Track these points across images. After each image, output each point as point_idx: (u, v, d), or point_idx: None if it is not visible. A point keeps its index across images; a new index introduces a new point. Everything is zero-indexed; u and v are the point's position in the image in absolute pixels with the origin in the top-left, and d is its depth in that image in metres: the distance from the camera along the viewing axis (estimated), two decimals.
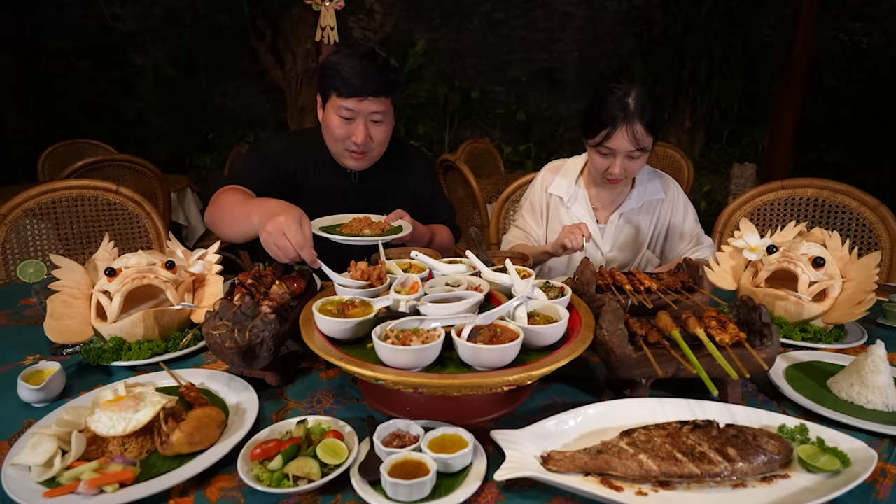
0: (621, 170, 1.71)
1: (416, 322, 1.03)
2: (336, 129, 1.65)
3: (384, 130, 1.68)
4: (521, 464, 0.86)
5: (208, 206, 1.65)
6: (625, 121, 1.63)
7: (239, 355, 1.08)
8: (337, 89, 1.60)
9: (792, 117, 4.82)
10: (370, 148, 1.68)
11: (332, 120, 1.65)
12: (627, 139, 1.64)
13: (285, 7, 5.78)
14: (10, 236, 2.04)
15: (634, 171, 1.77)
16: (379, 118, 1.64)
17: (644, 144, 1.66)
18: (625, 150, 1.67)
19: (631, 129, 1.63)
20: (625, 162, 1.70)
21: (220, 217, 1.58)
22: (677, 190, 1.95)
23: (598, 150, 1.72)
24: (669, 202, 1.92)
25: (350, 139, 1.65)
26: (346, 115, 1.62)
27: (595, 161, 1.76)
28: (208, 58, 6.80)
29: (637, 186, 1.90)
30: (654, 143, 1.71)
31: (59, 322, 1.28)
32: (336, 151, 1.73)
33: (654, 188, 1.91)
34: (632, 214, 1.91)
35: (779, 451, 0.88)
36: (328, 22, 3.46)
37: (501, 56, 7.71)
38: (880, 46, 6.69)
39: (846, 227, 2.04)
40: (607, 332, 1.06)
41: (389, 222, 1.64)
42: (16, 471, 0.88)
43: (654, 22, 6.97)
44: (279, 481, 0.84)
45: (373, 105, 1.60)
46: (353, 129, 1.63)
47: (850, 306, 1.33)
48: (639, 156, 1.70)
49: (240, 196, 1.57)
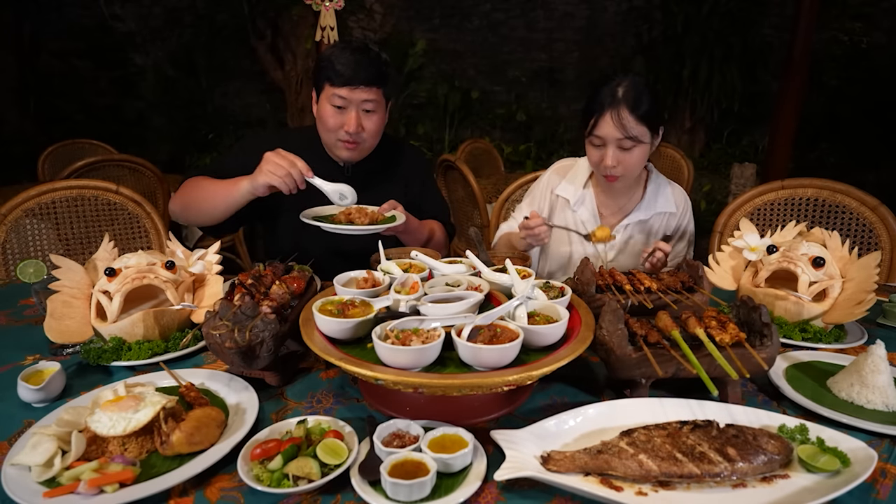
0: (614, 161, 1.63)
1: (416, 322, 1.03)
2: (329, 119, 1.68)
3: (376, 121, 1.72)
4: (521, 464, 0.86)
5: (175, 195, 1.75)
6: (611, 107, 1.59)
7: (239, 355, 1.08)
8: (330, 79, 1.64)
9: (792, 117, 4.82)
10: (362, 138, 1.71)
11: (325, 110, 1.68)
12: (614, 125, 1.59)
13: (285, 7, 5.77)
14: (10, 236, 2.04)
15: (631, 167, 1.66)
16: (371, 107, 1.68)
17: (633, 133, 1.59)
18: (613, 138, 1.60)
19: (617, 115, 1.58)
20: (617, 153, 1.63)
21: (194, 198, 1.69)
22: (686, 204, 1.89)
23: (590, 142, 1.68)
24: (678, 217, 1.86)
25: (342, 129, 1.68)
26: (339, 104, 1.66)
27: (590, 155, 1.71)
28: (208, 58, 6.80)
29: (647, 196, 1.83)
30: (654, 137, 1.65)
31: (59, 322, 1.28)
32: (329, 142, 1.75)
33: (665, 201, 1.84)
34: (640, 225, 1.84)
35: (779, 451, 0.88)
36: (328, 22, 3.46)
37: (501, 56, 7.70)
38: (880, 46, 6.69)
39: (846, 227, 2.04)
40: (607, 332, 1.06)
41: (383, 213, 1.65)
42: (16, 471, 0.88)
43: (654, 22, 6.96)
44: (279, 481, 0.84)
45: (364, 94, 1.65)
46: (346, 118, 1.67)
47: (850, 306, 1.33)
48: (631, 146, 1.62)
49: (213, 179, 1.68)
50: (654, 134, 1.65)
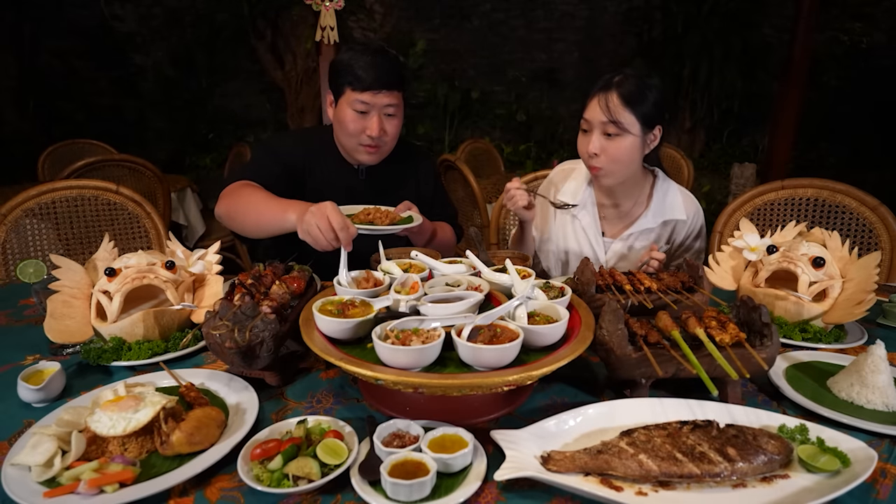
0: (596, 147, 1.60)
1: (416, 322, 1.03)
2: (350, 124, 1.68)
3: (396, 124, 1.73)
4: (521, 464, 0.86)
5: (222, 199, 1.66)
6: (600, 90, 1.60)
7: (239, 355, 1.08)
8: (352, 84, 1.64)
9: (792, 117, 4.82)
10: (383, 142, 1.72)
11: (346, 115, 1.68)
12: (600, 108, 1.57)
13: (285, 7, 5.78)
14: (10, 236, 2.04)
15: (615, 158, 1.61)
16: (392, 111, 1.69)
17: (618, 118, 1.56)
18: (598, 122, 1.58)
19: (605, 98, 1.57)
20: (602, 140, 1.59)
21: (241, 210, 1.59)
22: (698, 211, 1.80)
23: (581, 128, 1.67)
24: (688, 226, 1.78)
25: (364, 133, 1.68)
26: (361, 109, 1.66)
27: (579, 144, 1.68)
28: (208, 58, 6.80)
29: (654, 204, 1.76)
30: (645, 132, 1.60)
31: (59, 322, 1.28)
32: (350, 146, 1.75)
33: (674, 206, 1.76)
34: (644, 235, 1.79)
35: (779, 451, 0.88)
36: (328, 22, 3.46)
37: (501, 56, 7.70)
38: (880, 46, 6.70)
39: (846, 227, 2.04)
40: (607, 332, 1.06)
41: (399, 213, 1.66)
42: (16, 471, 0.88)
43: (654, 22, 6.97)
44: (279, 481, 0.84)
45: (386, 98, 1.66)
46: (368, 122, 1.67)
47: (850, 306, 1.33)
48: (616, 133, 1.57)
49: (265, 193, 1.59)
50: (645, 128, 1.60)
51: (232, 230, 1.69)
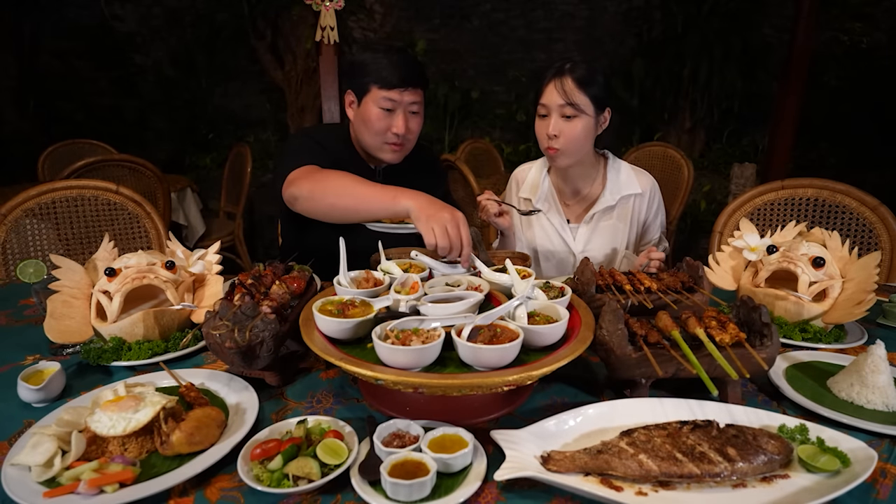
0: (555, 129, 1.71)
1: (416, 322, 1.03)
2: (376, 122, 1.68)
3: (419, 122, 1.75)
4: (521, 464, 0.86)
5: (297, 182, 1.56)
6: (555, 76, 1.71)
7: (239, 355, 1.08)
8: (378, 82, 1.65)
9: (792, 117, 4.81)
10: (407, 139, 1.74)
11: (371, 113, 1.68)
12: (557, 92, 1.69)
13: (285, 7, 5.78)
14: (10, 236, 2.04)
15: (572, 139, 1.71)
16: (416, 109, 1.71)
17: (575, 100, 1.67)
18: (556, 105, 1.69)
19: (560, 83, 1.69)
20: (559, 123, 1.71)
21: (330, 191, 1.49)
22: (655, 189, 1.91)
23: (538, 114, 1.78)
24: (645, 198, 1.88)
25: (390, 131, 1.69)
26: (388, 107, 1.67)
27: (536, 129, 1.80)
28: (208, 58, 6.79)
29: (609, 183, 1.87)
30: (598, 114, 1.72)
31: (59, 322, 1.28)
32: (374, 145, 1.74)
33: (629, 183, 1.88)
34: (607, 214, 1.88)
35: (779, 451, 0.88)
36: (328, 22, 3.46)
37: (501, 56, 7.70)
38: (880, 46, 6.69)
39: (846, 227, 2.04)
40: (607, 332, 1.06)
41: None
42: (16, 471, 0.88)
43: (654, 22, 6.96)
44: (279, 481, 0.84)
45: (412, 96, 1.68)
46: (394, 120, 1.68)
47: (850, 306, 1.33)
48: (573, 115, 1.69)
49: (358, 178, 1.49)
50: (598, 109, 1.72)
51: (301, 212, 1.58)
